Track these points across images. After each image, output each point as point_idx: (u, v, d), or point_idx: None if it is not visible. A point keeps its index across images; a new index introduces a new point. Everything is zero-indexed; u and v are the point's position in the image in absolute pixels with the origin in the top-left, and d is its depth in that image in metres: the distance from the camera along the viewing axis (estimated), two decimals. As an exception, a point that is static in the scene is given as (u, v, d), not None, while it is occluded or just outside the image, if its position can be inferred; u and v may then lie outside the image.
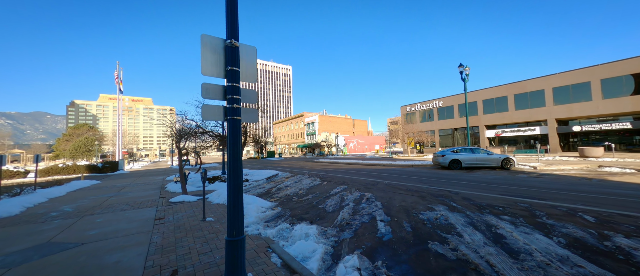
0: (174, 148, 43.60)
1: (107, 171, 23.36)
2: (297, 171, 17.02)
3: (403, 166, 17.24)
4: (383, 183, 9.93)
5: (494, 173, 11.67)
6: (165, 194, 9.31)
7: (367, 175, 12.95)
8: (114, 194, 9.94)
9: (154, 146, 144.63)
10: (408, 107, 41.30)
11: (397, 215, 5.47)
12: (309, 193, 8.71)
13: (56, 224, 5.49)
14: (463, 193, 7.44)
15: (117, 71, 30.15)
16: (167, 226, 5.10)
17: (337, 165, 21.78)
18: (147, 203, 7.81)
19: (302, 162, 30.26)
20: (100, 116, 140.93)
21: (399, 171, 14.58)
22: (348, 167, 19.22)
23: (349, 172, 15.04)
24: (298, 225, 4.85)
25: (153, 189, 11.04)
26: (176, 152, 48.57)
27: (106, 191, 10.97)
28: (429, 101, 38.16)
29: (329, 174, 14.28)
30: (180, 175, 7.99)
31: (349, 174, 13.57)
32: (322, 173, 15.19)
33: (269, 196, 8.54)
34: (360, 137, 72.40)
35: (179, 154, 8.01)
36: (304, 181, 11.72)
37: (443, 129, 35.89)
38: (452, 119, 34.79)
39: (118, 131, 29.41)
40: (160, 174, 20.03)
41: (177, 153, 18.15)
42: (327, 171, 16.35)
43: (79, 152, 43.51)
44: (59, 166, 21.57)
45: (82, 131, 51.14)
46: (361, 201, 6.96)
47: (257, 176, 13.58)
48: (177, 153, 7.82)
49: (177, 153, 18.15)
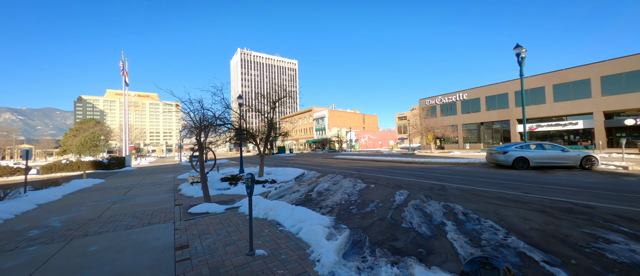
0: (182, 144, 42.08)
1: (113, 167, 21.83)
2: (323, 169, 15.08)
3: (445, 164, 15.11)
4: (452, 188, 7.88)
5: (582, 175, 9.48)
6: (181, 200, 7.46)
7: (413, 175, 10.91)
8: (119, 198, 8.13)
9: (160, 141, 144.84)
10: (427, 101, 38.82)
11: (556, 249, 3.44)
12: (364, 200, 6.74)
13: (28, 257, 3.63)
14: (602, 207, 5.35)
15: (122, 61, 28.50)
16: (198, 268, 3.17)
17: (362, 162, 19.76)
18: (160, 214, 5.94)
19: (319, 158, 28.35)
20: (107, 112, 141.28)
21: (447, 170, 12.48)
22: (378, 164, 17.18)
23: (386, 171, 13.00)
24: (415, 269, 2.87)
25: (165, 191, 9.22)
26: (185, 148, 47.15)
27: (110, 193, 9.20)
28: (451, 93, 35.62)
29: (364, 173, 12.29)
30: (202, 177, 6.09)
31: (390, 174, 11.54)
32: (354, 171, 13.20)
33: (314, 205, 6.59)
34: (370, 132, 70.10)
35: (200, 149, 6.08)
36: (343, 182, 9.75)
37: (467, 124, 33.42)
38: (478, 113, 32.28)
39: (124, 126, 27.88)
40: (169, 171, 18.34)
41: (196, 148, 16.32)
42: (358, 169, 14.35)
43: (86, 147, 42.46)
44: (62, 163, 20.09)
45: (88, 126, 50.15)
46: (456, 216, 4.95)
47: (283, 175, 11.66)
48: (198, 148, 5.89)
49: (196, 148, 16.32)
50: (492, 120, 31.03)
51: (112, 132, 56.96)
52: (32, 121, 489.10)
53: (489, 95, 31.16)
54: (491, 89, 30.97)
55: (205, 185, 6.26)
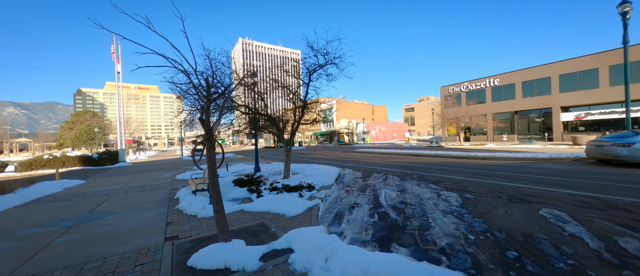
0: (183, 136, 39.04)
1: (104, 163, 19.00)
2: (357, 166, 12.05)
3: (516, 160, 11.98)
4: (626, 203, 4.80)
5: None
6: (177, 225, 4.49)
7: (503, 177, 7.84)
8: (79, 219, 5.18)
9: (162, 134, 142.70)
10: (450, 88, 35.34)
11: None
12: (501, 230, 3.70)
13: None
14: None
15: (114, 44, 25.31)
16: None
17: (396, 157, 16.69)
18: (133, 271, 2.96)
19: (337, 152, 25.33)
20: (107, 104, 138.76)
21: (542, 169, 9.37)
22: (421, 160, 14.10)
23: (443, 169, 9.92)
24: None
25: (155, 203, 6.25)
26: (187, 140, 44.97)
27: (72, 208, 6.25)
28: (479, 79, 32.10)
29: (419, 172, 9.23)
30: (213, 193, 3.08)
31: (458, 173, 8.47)
32: (402, 169, 10.15)
33: (416, 244, 3.56)
34: (380, 124, 66.71)
35: (208, 139, 3.01)
36: (411, 188, 6.73)
37: (499, 113, 30.00)
38: (512, 101, 28.83)
39: (119, 117, 24.89)
40: (168, 168, 15.43)
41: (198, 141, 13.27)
42: (405, 166, 11.30)
43: (82, 140, 39.78)
44: (44, 158, 17.26)
45: (85, 118, 47.35)
46: None
47: (316, 176, 8.63)
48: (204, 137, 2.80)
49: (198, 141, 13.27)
50: (529, 108, 27.63)
51: (110, 125, 54.19)
52: (35, 114, 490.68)
53: (526, 80, 27.63)
54: (529, 72, 27.42)
55: (220, 204, 3.25)
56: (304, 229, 3.59)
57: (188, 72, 3.23)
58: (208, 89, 3.25)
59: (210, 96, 3.23)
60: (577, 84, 24.08)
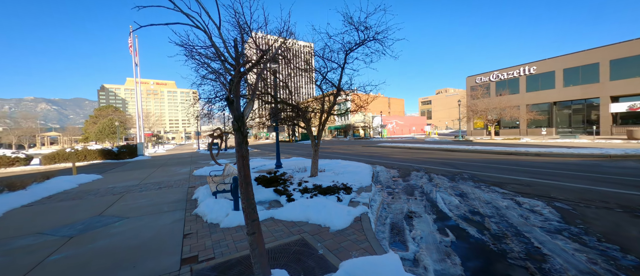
0: (200, 130, 39.13)
1: (124, 156, 18.96)
2: (387, 163, 10.83)
3: (565, 157, 10.29)
4: None
5: None
6: (196, 238, 3.58)
7: (558, 176, 6.37)
8: (85, 224, 4.43)
9: (179, 128, 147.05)
10: (477, 78, 32.75)
11: None
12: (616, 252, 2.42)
13: None
14: None
15: (131, 37, 25.19)
16: None
17: (425, 152, 15.25)
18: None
19: (357, 146, 24.14)
20: (128, 100, 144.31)
21: (598, 167, 7.75)
22: (451, 156, 12.63)
23: (497, 167, 8.50)
24: None
25: (171, 206, 5.44)
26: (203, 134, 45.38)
27: (83, 210, 5.58)
28: (511, 67, 29.37)
29: (468, 171, 7.89)
30: (246, 209, 2.02)
31: (511, 173, 7.05)
32: (440, 167, 8.83)
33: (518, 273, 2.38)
34: (397, 117, 64.32)
35: (238, 136, 1.98)
36: (468, 190, 5.47)
37: (535, 104, 27.30)
38: (551, 90, 26.08)
39: (137, 110, 24.95)
40: (186, 163, 14.94)
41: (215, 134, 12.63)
42: (443, 162, 9.96)
43: (104, 134, 41.06)
44: (67, 151, 17.37)
45: (107, 113, 48.89)
46: None
47: (347, 174, 7.52)
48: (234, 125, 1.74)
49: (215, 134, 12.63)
50: (571, 98, 24.86)
51: (131, 119, 55.78)
52: (64, 110, 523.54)
53: (569, 67, 24.79)
54: (573, 58, 24.54)
55: (256, 223, 2.23)
56: (371, 260, 2.51)
57: (209, 33, 2.18)
58: (237, 55, 2.20)
59: (239, 66, 2.17)
60: (631, 69, 21.14)
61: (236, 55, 2.24)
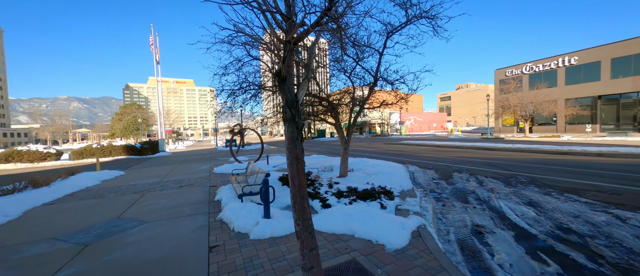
0: (217, 127, 39.67)
1: (146, 152, 19.27)
2: (420, 162, 9.87)
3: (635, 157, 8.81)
4: None
5: None
6: (225, 255, 2.99)
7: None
8: (102, 229, 4.01)
9: (198, 125, 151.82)
10: (508, 71, 30.33)
11: None
12: None
13: None
14: None
15: (152, 36, 25.61)
16: None
17: (456, 151, 14.04)
18: None
19: (377, 144, 23.10)
20: (151, 98, 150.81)
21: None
22: (490, 155, 11.40)
23: (546, 168, 7.32)
24: None
25: (193, 208, 4.95)
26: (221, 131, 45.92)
27: (102, 209, 5.24)
28: (548, 58, 26.84)
29: (515, 173, 6.81)
30: (304, 240, 1.33)
31: (580, 177, 5.91)
32: (485, 168, 7.78)
33: None
34: (415, 114, 61.87)
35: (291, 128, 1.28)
36: (537, 198, 4.52)
37: (577, 98, 24.73)
38: (595, 83, 23.49)
39: (159, 106, 25.43)
40: (205, 159, 14.78)
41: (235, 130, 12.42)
42: (482, 163, 8.88)
43: (129, 131, 42.78)
44: (93, 147, 17.89)
45: (131, 110, 50.99)
46: None
47: (379, 174, 6.70)
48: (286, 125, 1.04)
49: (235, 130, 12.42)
50: (620, 92, 22.22)
51: (153, 116, 57.91)
52: (94, 108, 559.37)
53: (617, 56, 22.13)
54: (624, 46, 21.86)
55: (315, 256, 1.57)
56: None
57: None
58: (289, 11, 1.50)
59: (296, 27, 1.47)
60: (701, 58, 18.39)
61: (287, 11, 1.54)
